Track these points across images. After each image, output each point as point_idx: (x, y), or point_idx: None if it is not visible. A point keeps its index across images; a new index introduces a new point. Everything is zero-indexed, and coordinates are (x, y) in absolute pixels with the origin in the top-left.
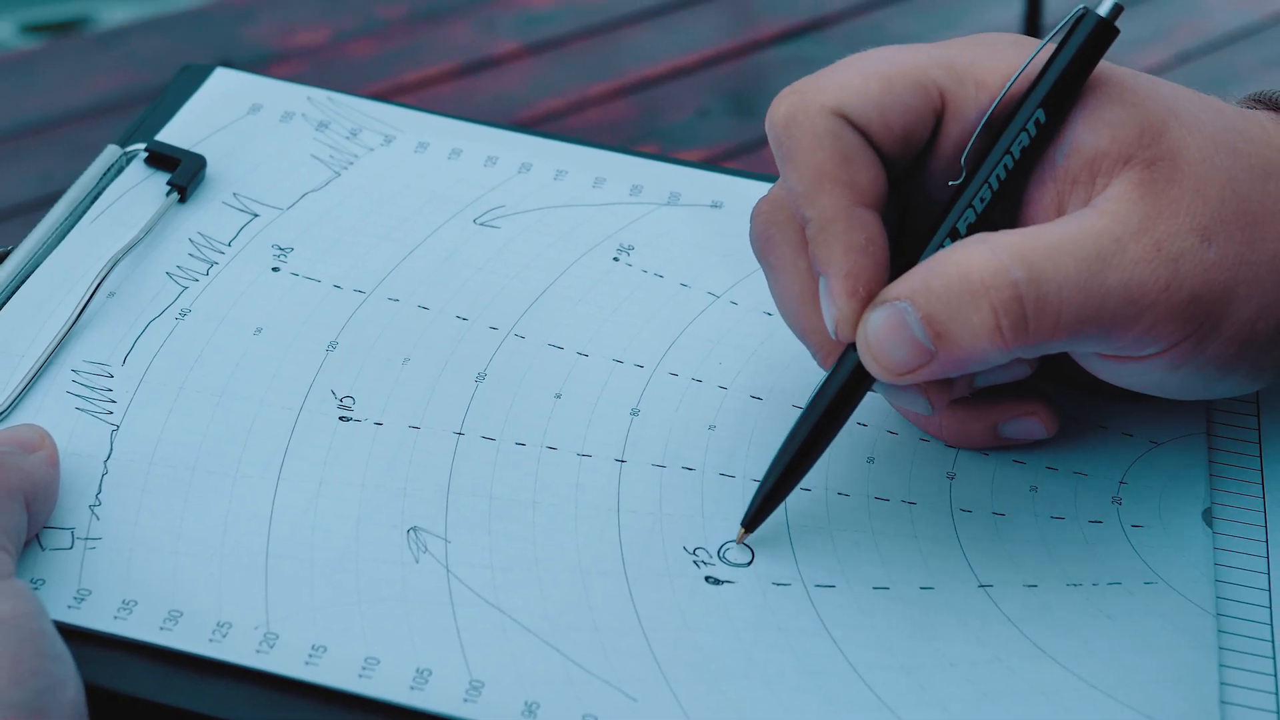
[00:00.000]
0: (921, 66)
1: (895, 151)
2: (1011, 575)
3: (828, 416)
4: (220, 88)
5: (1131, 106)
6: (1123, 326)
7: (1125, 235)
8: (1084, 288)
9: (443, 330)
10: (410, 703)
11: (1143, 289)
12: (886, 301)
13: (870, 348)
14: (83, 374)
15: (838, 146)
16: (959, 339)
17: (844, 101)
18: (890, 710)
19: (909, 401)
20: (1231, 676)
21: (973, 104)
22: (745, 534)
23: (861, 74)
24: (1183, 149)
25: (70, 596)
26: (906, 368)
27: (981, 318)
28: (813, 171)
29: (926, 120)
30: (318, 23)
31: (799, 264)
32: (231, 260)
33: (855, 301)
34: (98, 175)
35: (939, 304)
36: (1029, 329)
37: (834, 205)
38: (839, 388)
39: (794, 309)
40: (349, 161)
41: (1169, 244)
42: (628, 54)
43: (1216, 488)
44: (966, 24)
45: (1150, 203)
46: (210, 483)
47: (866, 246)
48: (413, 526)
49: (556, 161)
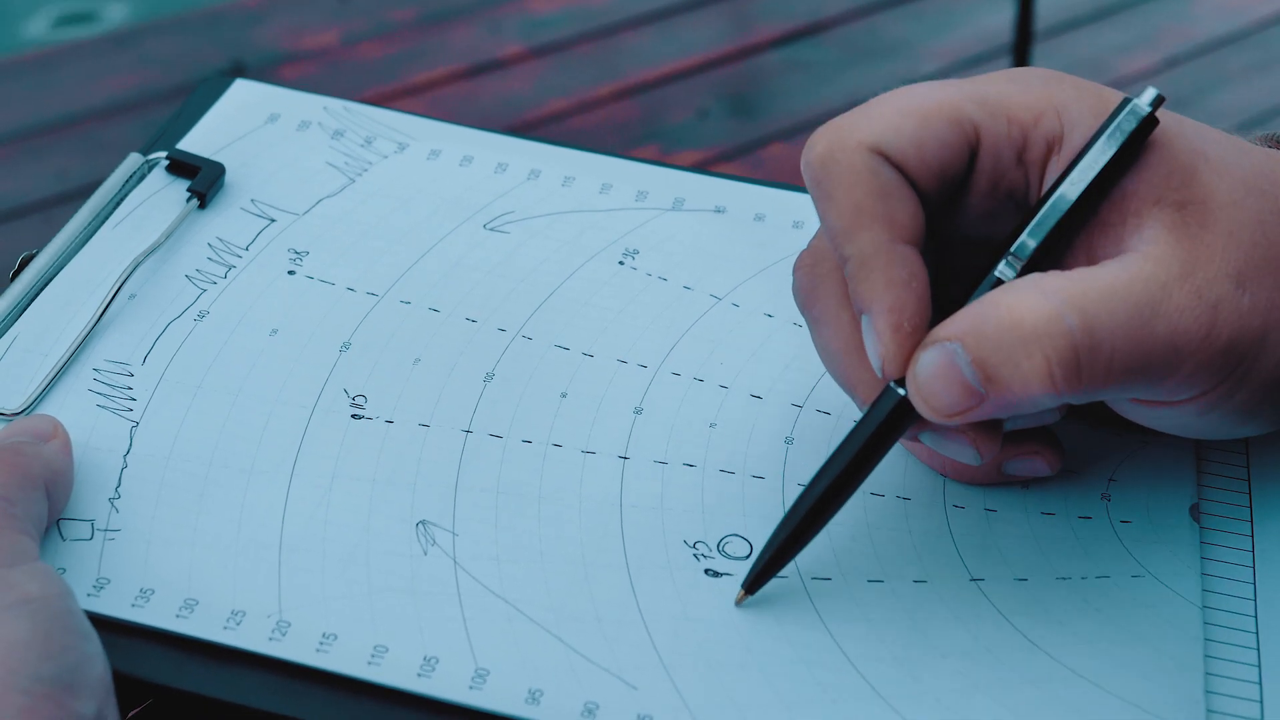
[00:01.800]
0: (956, 103)
1: (932, 187)
2: (1002, 569)
3: (865, 452)
4: (239, 98)
5: (1160, 148)
6: (1166, 374)
7: (1169, 282)
8: (1134, 336)
9: (453, 332)
10: (418, 689)
11: (1186, 337)
12: (937, 342)
13: (920, 387)
14: (104, 372)
15: (876, 183)
16: (1011, 384)
17: (881, 138)
18: (884, 700)
19: (956, 451)
20: (1216, 667)
21: (1005, 139)
22: (745, 595)
23: (898, 110)
24: (1213, 192)
25: (90, 585)
26: (956, 409)
27: (1034, 364)
28: (852, 208)
29: (962, 156)
30: (328, 25)
31: (842, 315)
32: (249, 264)
33: (901, 337)
34: (120, 182)
35: (991, 348)
36: (1081, 377)
37: (874, 242)
38: (875, 428)
39: (839, 359)
40: (363, 168)
41: (1208, 290)
42: (630, 57)
43: (1203, 484)
44: (960, 28)
45: (1187, 248)
46: (226, 477)
47: (909, 282)
48: (422, 520)
49: (564, 168)
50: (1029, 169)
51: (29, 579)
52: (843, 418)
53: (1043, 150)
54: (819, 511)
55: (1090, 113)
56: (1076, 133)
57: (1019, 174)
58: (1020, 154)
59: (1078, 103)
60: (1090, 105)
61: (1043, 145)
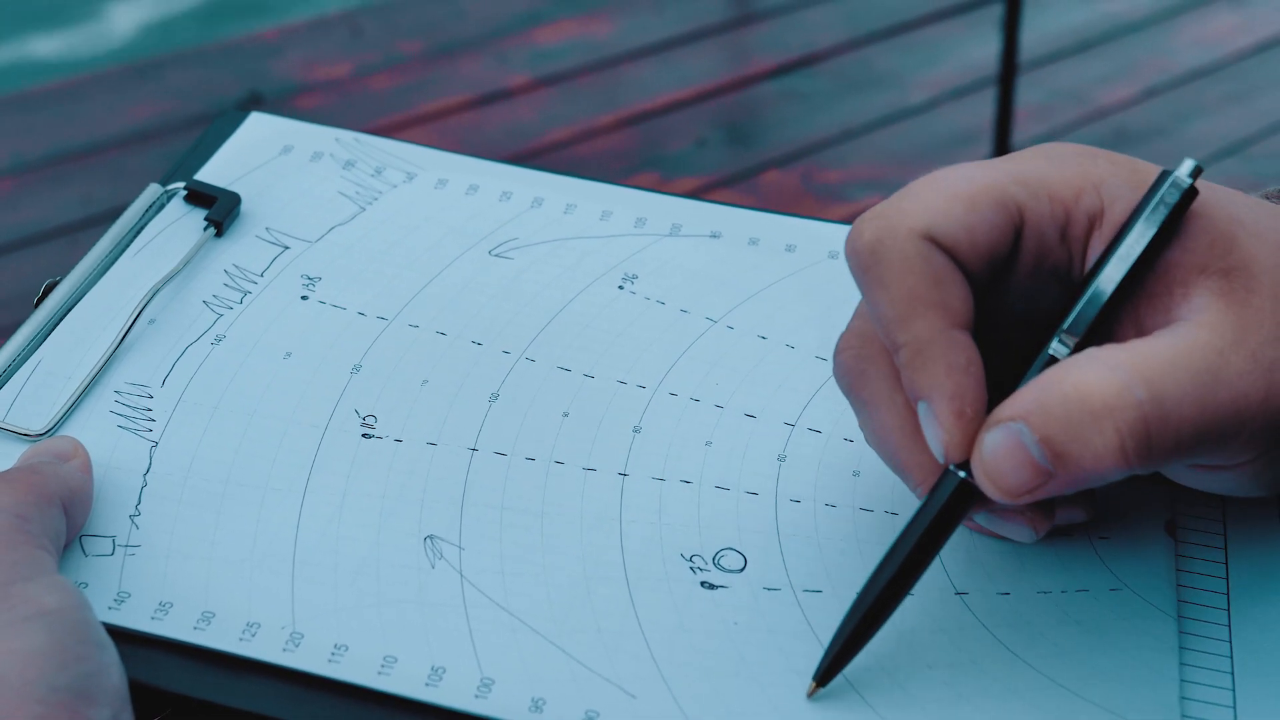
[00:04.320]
0: (1001, 185)
1: (981, 270)
2: (985, 584)
3: (929, 537)
4: (255, 131)
5: (1200, 217)
6: (1230, 439)
7: (1226, 348)
8: (1199, 404)
9: (459, 354)
10: (425, 698)
11: (1247, 401)
12: (1000, 422)
13: (987, 470)
14: (125, 394)
15: (928, 270)
16: (1081, 460)
17: (932, 224)
18: (872, 709)
19: (1012, 531)
20: (1191, 675)
21: (1049, 218)
22: (817, 688)
23: (944, 195)
24: (1255, 257)
25: (111, 598)
26: (1025, 489)
27: (1105, 440)
28: (905, 296)
29: (1008, 237)
30: (341, 57)
31: (895, 398)
32: (263, 290)
33: (964, 423)
34: (140, 211)
35: (1058, 425)
36: (1152, 448)
37: (930, 329)
38: (937, 512)
39: (892, 442)
40: (373, 197)
41: (1262, 354)
42: (631, 87)
43: (1178, 499)
44: (948, 60)
45: (1238, 313)
46: (242, 494)
47: (967, 368)
48: (429, 535)
49: (566, 196)
50: (1072, 245)
51: (46, 592)
52: (833, 436)
53: (1085, 227)
54: (887, 599)
55: (1128, 186)
56: (1116, 207)
57: (1063, 251)
58: (1064, 232)
59: (1114, 177)
60: (1126, 178)
61: (1085, 222)
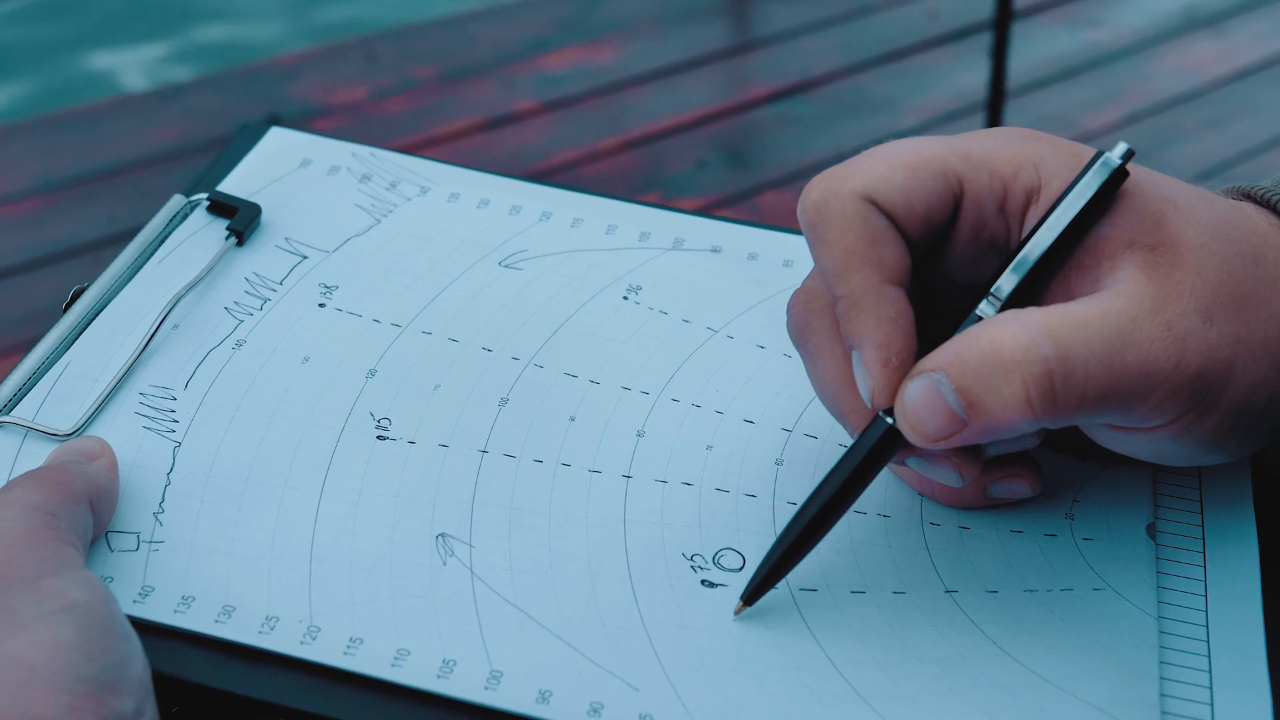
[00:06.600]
0: (942, 156)
1: (918, 233)
2: (975, 582)
3: (855, 476)
4: (275, 144)
5: (1132, 197)
6: (1138, 400)
7: (1140, 315)
8: (1107, 364)
9: (470, 360)
10: (437, 689)
11: (1156, 365)
12: (923, 372)
13: (907, 415)
14: (149, 396)
15: (866, 228)
16: (991, 409)
17: (872, 187)
18: (865, 702)
19: (940, 474)
20: (1170, 672)
21: (987, 191)
22: (743, 606)
23: (887, 162)
24: (1182, 235)
25: (135, 592)
26: (941, 434)
27: (1013, 390)
28: (843, 252)
29: (947, 205)
30: (357, 81)
31: (835, 350)
32: (283, 297)
33: (889, 371)
34: (164, 221)
35: (973, 376)
36: (1057, 402)
37: (864, 283)
38: (865, 454)
39: (832, 391)
40: (388, 210)
41: (1177, 324)
42: (634, 111)
43: (1159, 505)
44: (938, 86)
45: (1158, 285)
46: (261, 494)
47: (896, 320)
48: (441, 533)
49: (574, 211)
50: (1009, 218)
51: (73, 586)
52: (829, 441)
53: (1022, 201)
54: (813, 530)
55: (1066, 166)
56: (1053, 185)
57: (1000, 223)
58: (1001, 204)
59: (1054, 157)
60: (1065, 159)
61: (1022, 196)
